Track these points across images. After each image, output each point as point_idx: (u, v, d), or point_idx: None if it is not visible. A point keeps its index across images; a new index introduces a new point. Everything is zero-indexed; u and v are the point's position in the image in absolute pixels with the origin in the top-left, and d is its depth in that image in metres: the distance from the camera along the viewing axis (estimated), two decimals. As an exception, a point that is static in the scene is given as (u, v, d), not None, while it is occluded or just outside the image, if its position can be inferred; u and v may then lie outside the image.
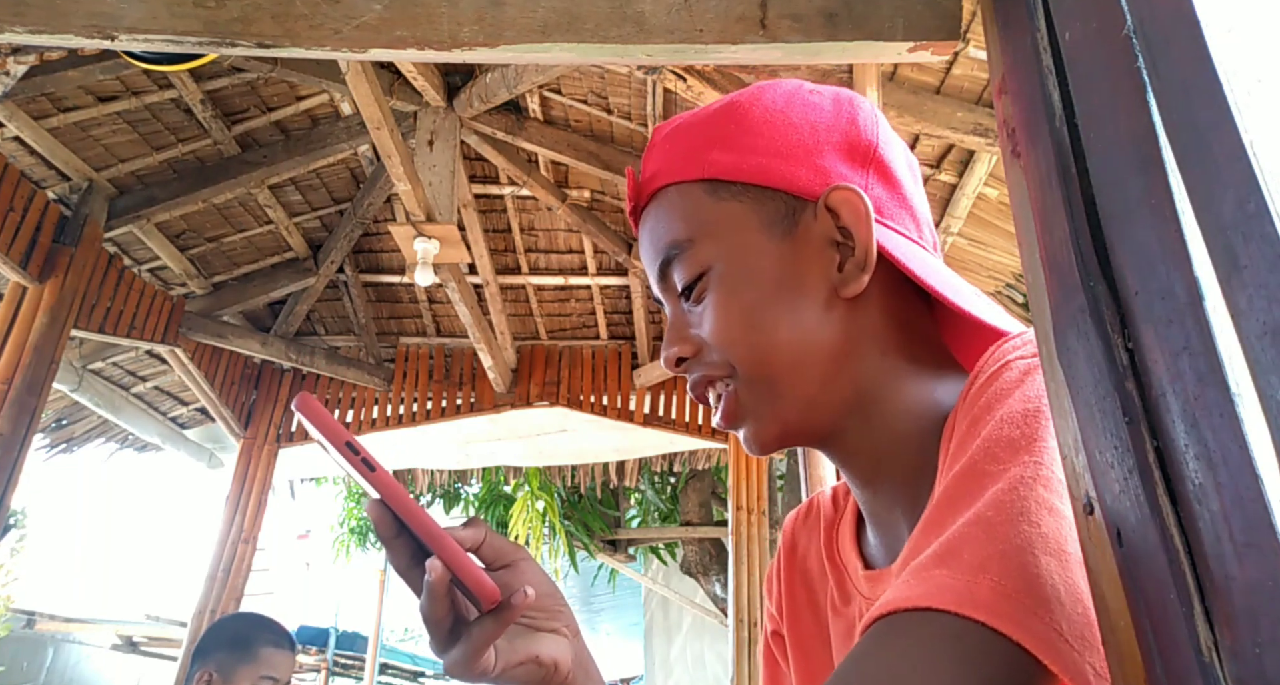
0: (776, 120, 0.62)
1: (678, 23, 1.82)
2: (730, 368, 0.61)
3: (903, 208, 0.63)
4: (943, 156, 3.20)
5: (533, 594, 0.56)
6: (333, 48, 1.81)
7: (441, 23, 1.81)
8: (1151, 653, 0.31)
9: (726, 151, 0.62)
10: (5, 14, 1.78)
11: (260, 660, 1.89)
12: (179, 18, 1.81)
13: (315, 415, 0.55)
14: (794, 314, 0.59)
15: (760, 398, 0.60)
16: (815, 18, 1.83)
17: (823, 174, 0.61)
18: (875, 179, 0.62)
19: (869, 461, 0.61)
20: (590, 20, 1.81)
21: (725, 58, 1.86)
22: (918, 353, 0.61)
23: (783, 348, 0.59)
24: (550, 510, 7.53)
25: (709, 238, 0.61)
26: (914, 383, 0.60)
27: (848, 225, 0.59)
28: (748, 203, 0.61)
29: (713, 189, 0.62)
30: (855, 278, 0.59)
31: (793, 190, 0.61)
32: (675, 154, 0.64)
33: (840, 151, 0.62)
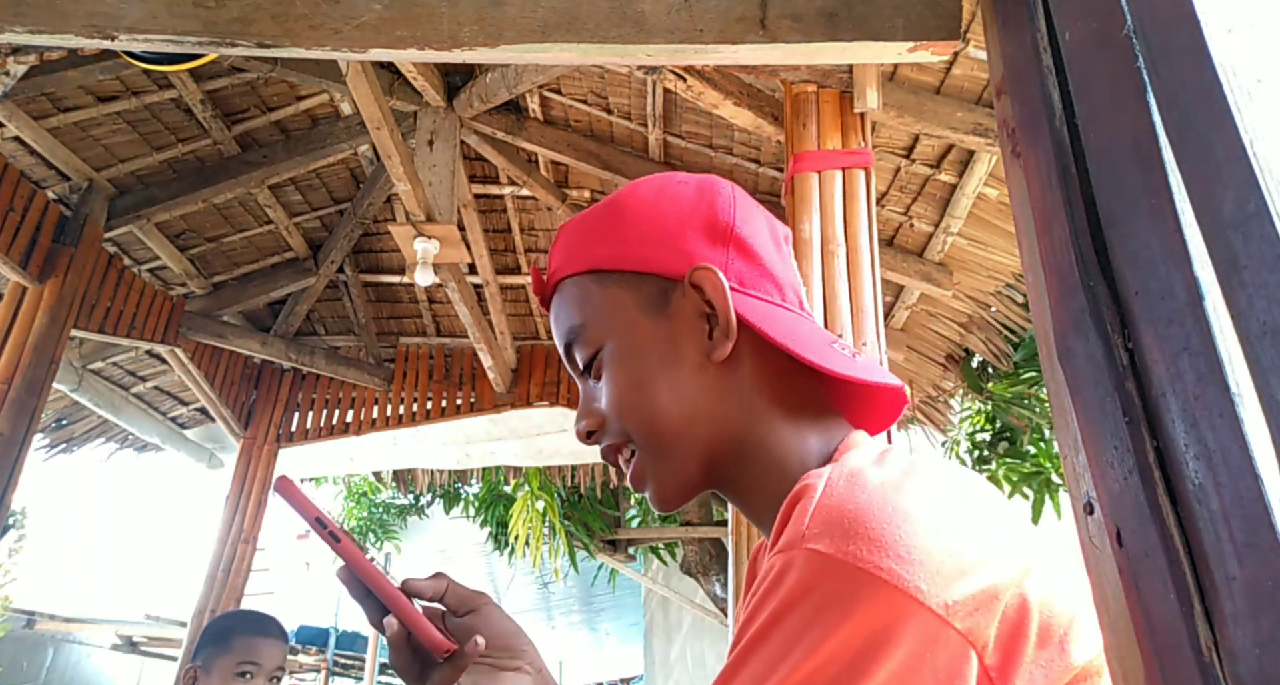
0: (647, 212, 0.71)
1: (678, 23, 1.82)
2: (628, 440, 0.69)
3: (764, 276, 0.71)
4: (943, 156, 3.20)
5: (482, 643, 0.66)
6: (333, 48, 1.81)
7: (441, 23, 1.81)
8: (1151, 653, 0.31)
9: (606, 244, 0.71)
10: (5, 14, 1.78)
11: (235, 649, 1.91)
12: (179, 18, 1.81)
13: (291, 495, 0.66)
14: (674, 382, 0.67)
15: (656, 461, 0.68)
16: (815, 18, 1.83)
17: (687, 256, 0.69)
18: (735, 254, 0.70)
19: (756, 504, 0.68)
20: (590, 20, 1.81)
21: (725, 58, 1.86)
22: (789, 404, 0.68)
23: (667, 413, 0.67)
24: (550, 510, 7.53)
25: (598, 321, 0.70)
26: (782, 433, 0.67)
27: (710, 299, 0.67)
28: (627, 287, 0.70)
29: (598, 278, 0.71)
30: (721, 344, 0.67)
31: (662, 273, 0.69)
32: (569, 250, 0.74)
33: (702, 233, 0.70)
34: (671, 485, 0.69)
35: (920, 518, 0.48)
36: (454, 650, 0.66)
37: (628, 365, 0.68)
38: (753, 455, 0.67)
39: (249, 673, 1.89)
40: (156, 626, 10.72)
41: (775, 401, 0.68)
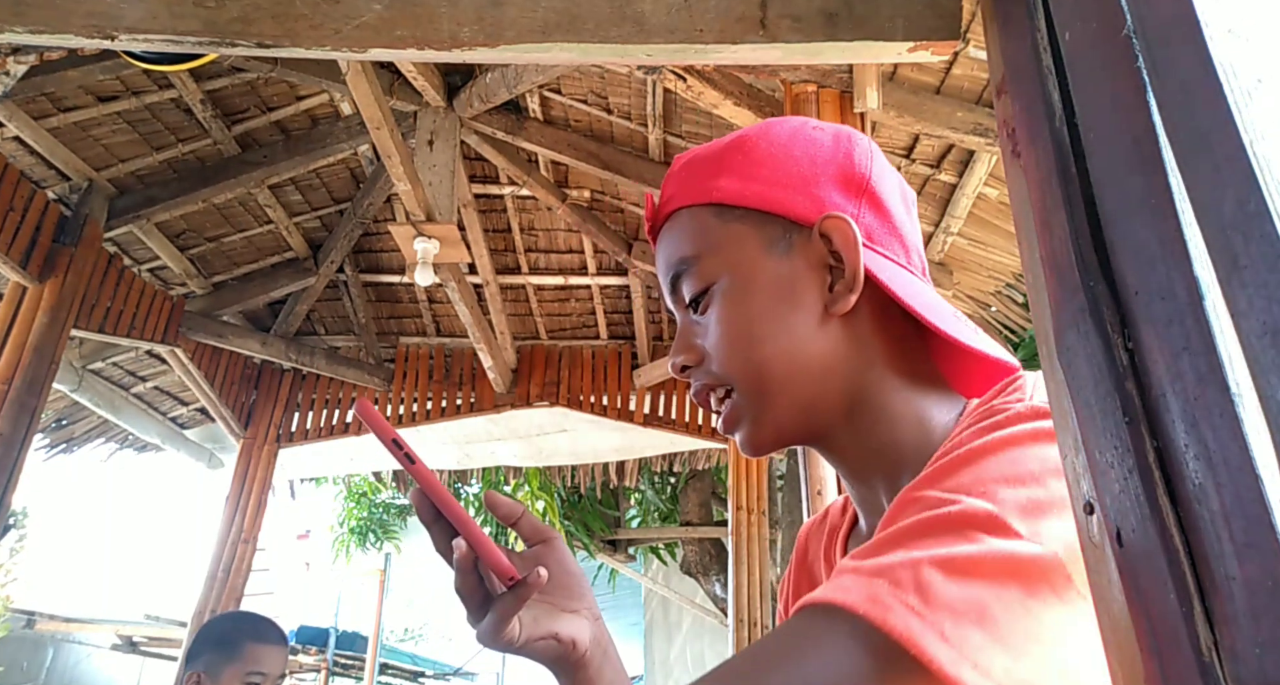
0: (780, 153, 0.69)
1: (678, 23, 1.82)
2: (728, 381, 0.67)
3: (892, 235, 0.69)
4: (943, 156, 3.20)
5: (545, 574, 0.63)
6: (333, 48, 1.81)
7: (441, 23, 1.81)
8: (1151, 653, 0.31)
9: (733, 180, 0.69)
10: (5, 14, 1.78)
11: (246, 657, 1.87)
12: (179, 18, 1.81)
13: (369, 417, 0.65)
14: (788, 327, 0.65)
15: (755, 406, 0.66)
16: (815, 18, 1.83)
17: (818, 203, 0.67)
18: (867, 208, 0.68)
19: (856, 460, 0.67)
20: (590, 20, 1.81)
21: (725, 58, 1.86)
22: (903, 367, 0.67)
23: (776, 358, 0.65)
24: (550, 510, 7.53)
25: (714, 255, 0.68)
26: (899, 393, 0.66)
27: (839, 250, 0.65)
28: (750, 226, 0.67)
29: (720, 213, 0.68)
30: (843, 297, 0.65)
31: (791, 216, 0.67)
32: (689, 181, 0.71)
33: (836, 183, 0.68)
34: (768, 433, 0.67)
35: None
36: (519, 579, 0.64)
37: (742, 305, 0.66)
38: (864, 414, 0.66)
39: (258, 683, 1.87)
40: (156, 626, 10.72)
41: (890, 363, 0.66)
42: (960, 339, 0.63)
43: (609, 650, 0.71)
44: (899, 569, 0.47)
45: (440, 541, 0.68)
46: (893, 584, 0.46)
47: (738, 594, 4.23)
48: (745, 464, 4.55)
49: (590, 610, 0.71)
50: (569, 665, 0.69)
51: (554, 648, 0.68)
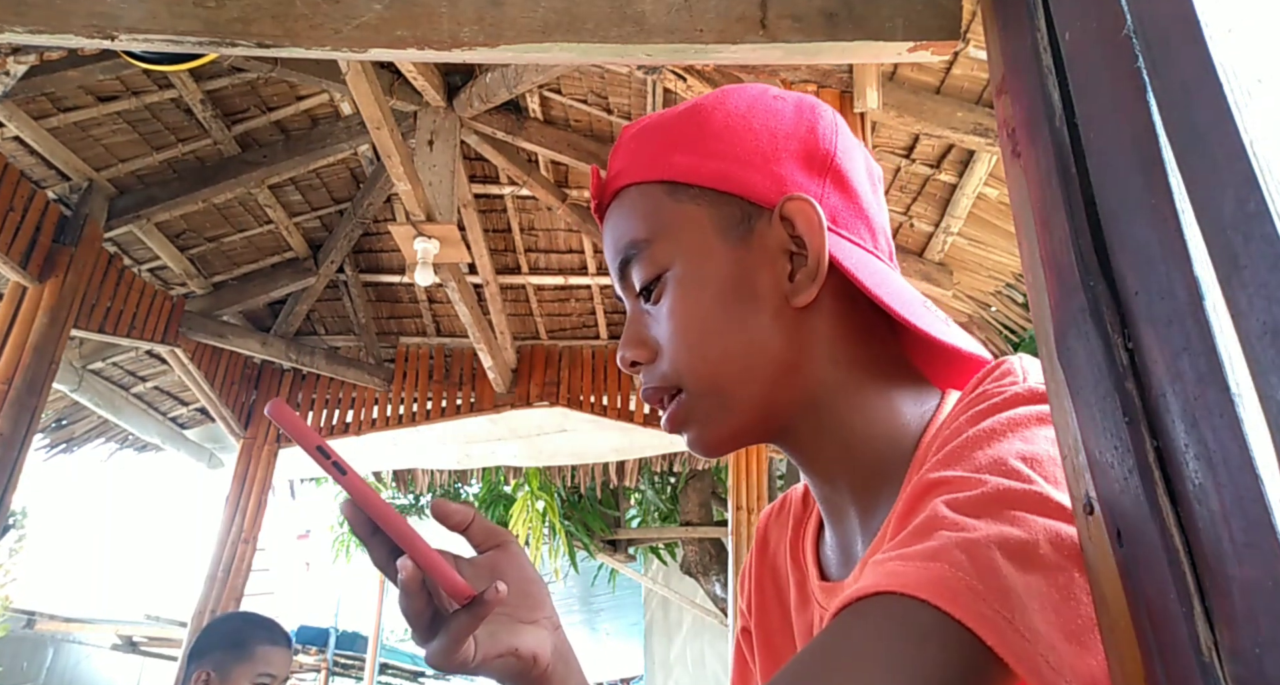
0: (738, 125, 0.63)
1: (678, 23, 1.82)
2: (679, 382, 0.62)
3: (858, 218, 0.64)
4: (943, 156, 3.19)
5: (504, 589, 0.57)
6: (333, 48, 1.81)
7: (441, 23, 1.81)
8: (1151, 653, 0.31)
9: (687, 154, 0.63)
10: (5, 14, 1.78)
11: (257, 658, 1.89)
12: (179, 18, 1.81)
13: (288, 422, 0.56)
14: (744, 321, 0.60)
15: (708, 407, 0.61)
16: (815, 18, 1.83)
17: (779, 182, 0.61)
18: (832, 188, 0.63)
19: (824, 459, 0.63)
20: (590, 20, 1.81)
21: (725, 58, 1.86)
22: (871, 360, 0.62)
23: (731, 356, 0.60)
24: (550, 510, 7.53)
25: (667, 239, 0.62)
26: (867, 388, 0.61)
27: (801, 235, 0.60)
28: (705, 206, 0.62)
29: (672, 191, 0.63)
30: (805, 288, 0.60)
31: (749, 196, 0.61)
32: (639, 154, 0.65)
33: (798, 159, 0.63)
34: (722, 432, 0.62)
35: None
36: (474, 596, 0.57)
37: (695, 296, 0.61)
38: (828, 411, 0.61)
39: (266, 684, 1.88)
40: (156, 626, 10.72)
41: (857, 356, 0.61)
42: (930, 332, 0.58)
43: (570, 660, 0.65)
44: (948, 550, 0.43)
45: (378, 555, 0.61)
46: (949, 567, 0.42)
47: (737, 594, 4.22)
48: (745, 464, 4.54)
49: (550, 619, 0.65)
50: (530, 681, 0.62)
51: (513, 665, 0.61)
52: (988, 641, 0.40)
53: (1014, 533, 0.43)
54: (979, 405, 0.53)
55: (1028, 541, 0.43)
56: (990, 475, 0.47)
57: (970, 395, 0.55)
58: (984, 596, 0.41)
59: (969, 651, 0.40)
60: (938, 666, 0.40)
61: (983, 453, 0.49)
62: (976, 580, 0.41)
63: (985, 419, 0.51)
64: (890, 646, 0.41)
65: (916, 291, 0.63)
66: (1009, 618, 0.40)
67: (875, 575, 0.44)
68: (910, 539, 0.46)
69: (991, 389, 0.54)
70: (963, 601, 0.41)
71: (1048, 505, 0.44)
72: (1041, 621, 0.41)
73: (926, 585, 0.42)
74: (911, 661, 0.40)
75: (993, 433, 0.49)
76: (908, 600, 0.42)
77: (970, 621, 0.40)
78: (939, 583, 0.41)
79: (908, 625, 0.41)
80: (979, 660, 0.40)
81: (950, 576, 0.42)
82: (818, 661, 0.43)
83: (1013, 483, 0.46)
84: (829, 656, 0.43)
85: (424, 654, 0.60)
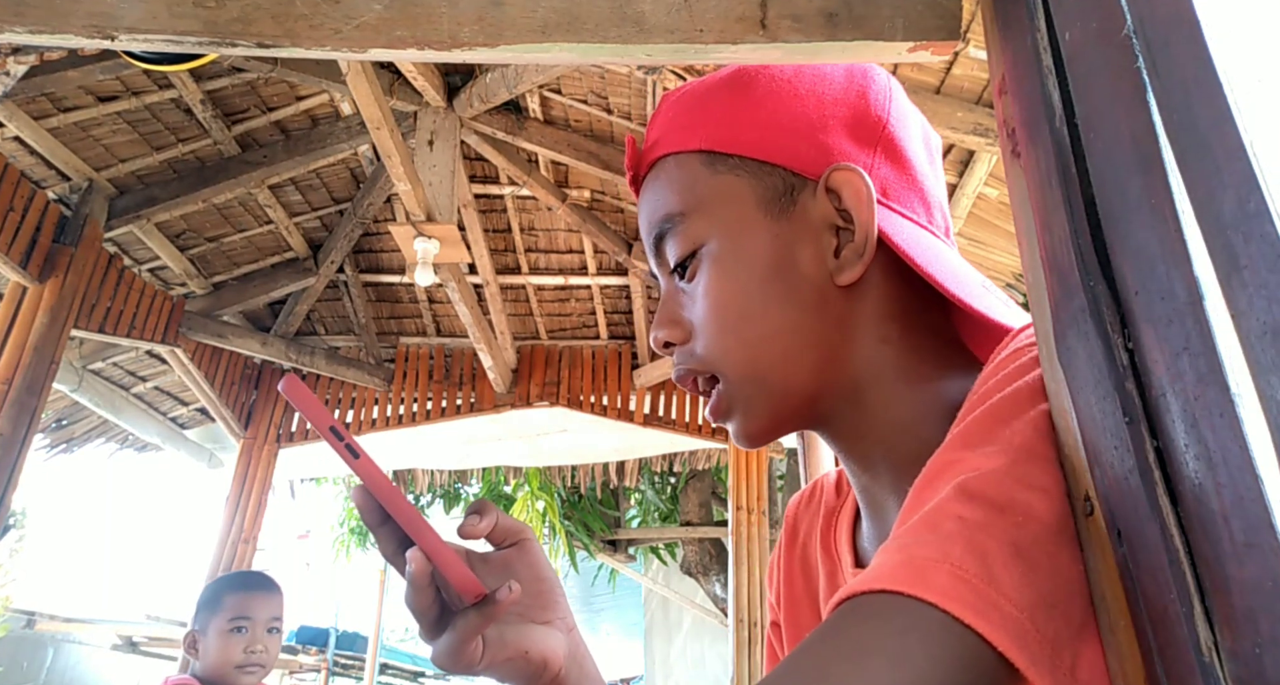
0: (782, 91, 0.59)
1: (678, 23, 1.82)
2: (714, 367, 0.58)
3: (911, 190, 0.59)
4: (943, 156, 3.19)
5: (518, 589, 0.55)
6: (333, 48, 1.81)
7: (441, 23, 1.81)
8: (1151, 653, 0.31)
9: (727, 122, 0.59)
10: (5, 14, 1.78)
11: (226, 607, 1.95)
12: (179, 18, 1.80)
13: (302, 399, 0.54)
14: (785, 302, 0.56)
15: (748, 394, 0.58)
16: (815, 18, 1.83)
17: (826, 151, 0.58)
18: (883, 158, 0.59)
19: (865, 447, 0.58)
20: (590, 20, 1.81)
21: (725, 57, 1.86)
22: (920, 343, 0.58)
23: (771, 341, 0.56)
24: (550, 510, 7.53)
25: (704, 213, 0.58)
26: (917, 374, 0.57)
27: (848, 208, 0.56)
28: (745, 177, 0.58)
29: (710, 161, 0.59)
30: (852, 265, 0.56)
31: (793, 167, 0.58)
32: (677, 123, 0.62)
33: (847, 127, 0.58)
34: (766, 422, 0.58)
35: None
36: (485, 595, 0.54)
37: (734, 274, 0.57)
38: (874, 397, 0.57)
39: (242, 627, 1.93)
40: (156, 626, 10.71)
41: (906, 338, 0.57)
42: (988, 314, 0.54)
43: (585, 664, 0.61)
44: (957, 545, 0.40)
45: (388, 546, 0.58)
46: (957, 565, 0.40)
47: (738, 594, 4.22)
48: (745, 464, 4.55)
49: (564, 621, 0.61)
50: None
51: (523, 668, 0.57)
52: (996, 643, 0.38)
53: (1032, 518, 0.41)
54: (1005, 369, 0.49)
55: (1048, 527, 0.40)
56: (1011, 450, 0.43)
57: (997, 358, 0.51)
58: (989, 596, 0.39)
59: (976, 655, 0.38)
60: (941, 671, 0.38)
61: (1005, 425, 0.45)
62: (982, 579, 0.39)
63: (1007, 386, 0.47)
64: (891, 649, 0.39)
65: (975, 270, 0.59)
66: (1015, 617, 0.38)
67: (881, 567, 0.42)
68: (922, 527, 0.43)
69: (1021, 346, 0.50)
70: (968, 602, 0.38)
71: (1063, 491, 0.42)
72: (1056, 619, 0.39)
73: (934, 588, 0.39)
74: (913, 667, 0.38)
75: (1014, 403, 0.46)
76: (911, 601, 0.39)
77: (979, 625, 0.38)
78: (945, 586, 0.39)
79: (910, 628, 0.39)
80: (987, 664, 0.38)
81: (956, 576, 0.39)
82: (813, 661, 0.41)
83: (1034, 460, 0.43)
84: (826, 656, 0.41)
85: (429, 652, 0.57)
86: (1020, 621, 0.38)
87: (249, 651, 1.92)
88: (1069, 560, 0.40)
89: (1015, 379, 0.47)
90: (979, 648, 0.38)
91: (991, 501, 0.42)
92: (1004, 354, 0.51)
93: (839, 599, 0.43)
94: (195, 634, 1.96)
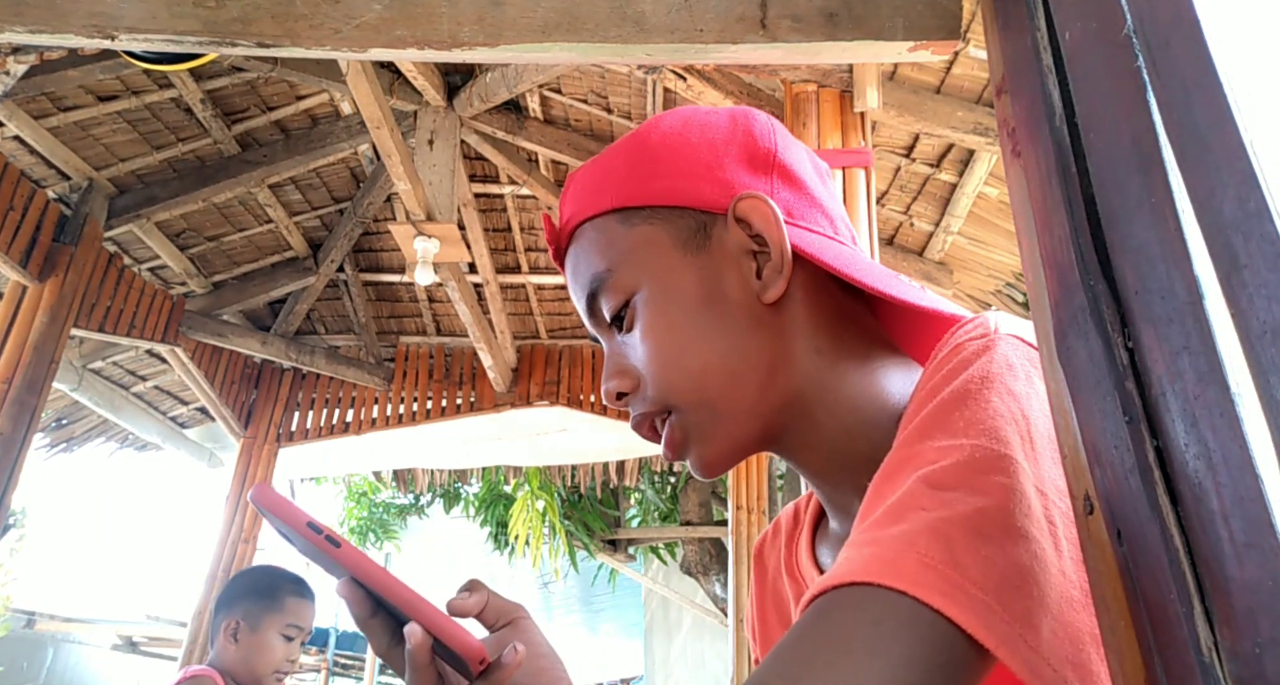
0: (675, 143, 0.63)
1: (678, 23, 1.82)
2: (669, 404, 0.60)
3: (813, 207, 0.63)
4: (943, 156, 3.19)
5: (523, 650, 0.55)
6: (333, 48, 1.81)
7: (441, 23, 1.81)
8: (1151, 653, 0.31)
9: (632, 180, 0.63)
10: (5, 14, 1.78)
11: (287, 609, 1.90)
12: (179, 18, 1.81)
13: (273, 503, 0.54)
14: (721, 328, 0.59)
15: (701, 423, 0.60)
16: (815, 18, 1.83)
17: (726, 186, 0.61)
18: (780, 183, 0.63)
19: (820, 458, 0.61)
20: (590, 20, 1.81)
21: (725, 57, 1.86)
22: (853, 346, 0.61)
23: (715, 367, 0.59)
24: (550, 510, 7.53)
25: (627, 264, 0.61)
26: (853, 375, 0.60)
27: (760, 232, 0.59)
28: (659, 224, 0.61)
29: (624, 217, 0.62)
30: (774, 282, 0.59)
31: (700, 206, 0.61)
32: (586, 192, 0.65)
33: (741, 162, 0.62)
34: (721, 447, 0.60)
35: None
36: (489, 662, 0.54)
37: (666, 313, 0.60)
38: (819, 404, 0.59)
39: (293, 636, 1.89)
40: (156, 626, 10.72)
41: (837, 343, 0.60)
42: (906, 299, 0.57)
43: None
44: (923, 534, 0.42)
45: (380, 641, 0.57)
46: (923, 554, 0.41)
47: (738, 594, 4.22)
48: (745, 463, 4.55)
49: None
50: None
51: None
52: (967, 628, 0.39)
53: (992, 503, 0.42)
54: (950, 363, 0.51)
55: (1007, 511, 0.42)
56: (966, 439, 0.45)
57: (940, 353, 0.53)
58: (958, 583, 0.40)
59: (947, 639, 0.39)
60: (916, 656, 0.39)
61: (958, 415, 0.47)
62: (950, 566, 0.40)
63: (956, 377, 0.49)
64: (866, 640, 0.40)
65: (885, 268, 0.62)
66: (985, 602, 0.39)
67: (849, 562, 0.43)
68: (886, 520, 0.44)
69: (962, 341, 0.52)
70: (940, 589, 0.40)
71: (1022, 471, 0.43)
72: (1020, 599, 0.40)
73: (904, 576, 0.40)
74: (889, 655, 0.39)
75: (964, 393, 0.47)
76: (882, 591, 0.41)
77: (949, 609, 0.39)
78: (914, 574, 0.40)
79: (883, 617, 0.40)
80: (959, 647, 0.39)
81: (924, 563, 0.41)
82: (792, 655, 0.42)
83: (990, 446, 0.44)
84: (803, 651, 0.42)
85: None
86: (986, 603, 0.39)
87: (289, 660, 1.88)
88: (1030, 538, 0.42)
89: (960, 371, 0.49)
90: (950, 631, 0.39)
91: (952, 490, 0.43)
92: (945, 350, 0.52)
93: (812, 595, 0.44)
94: (240, 623, 1.86)
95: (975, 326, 0.53)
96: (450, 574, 9.97)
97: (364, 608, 0.57)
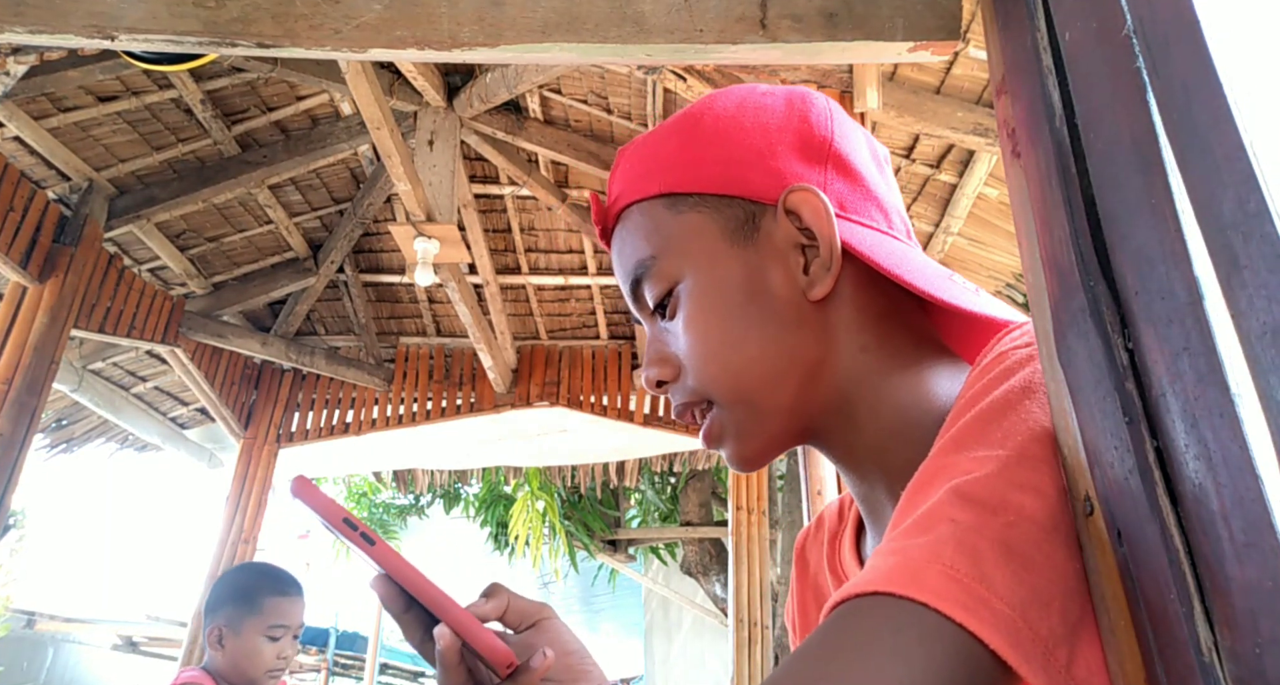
0: (728, 127, 0.62)
1: (678, 23, 1.82)
2: (708, 395, 0.60)
3: (868, 200, 0.62)
4: (943, 156, 3.19)
5: (552, 655, 0.55)
6: (333, 48, 1.81)
7: (441, 23, 1.81)
8: (1151, 653, 0.31)
9: (681, 164, 0.62)
10: (5, 14, 1.78)
11: (265, 611, 1.88)
12: (179, 18, 1.81)
13: (312, 496, 0.55)
14: (765, 324, 0.58)
15: (740, 417, 0.60)
16: (815, 18, 1.83)
17: (779, 176, 0.60)
18: (834, 174, 0.61)
19: (860, 457, 0.60)
20: (590, 20, 1.81)
21: (725, 58, 1.86)
22: (899, 345, 0.59)
23: (755, 361, 0.58)
24: (550, 510, 7.53)
25: (673, 252, 0.61)
26: (899, 377, 0.58)
27: (809, 226, 0.58)
28: (706, 213, 0.60)
29: (672, 203, 0.61)
30: (822, 279, 0.58)
31: (749, 195, 0.60)
32: (635, 173, 0.64)
33: (795, 151, 0.61)
34: (758, 444, 0.60)
35: None
36: (517, 665, 0.54)
37: (710, 305, 0.59)
38: (861, 405, 0.58)
39: (279, 635, 1.88)
40: (157, 626, 10.72)
41: (884, 343, 0.59)
42: (958, 303, 0.55)
43: None
44: (949, 546, 0.41)
45: (414, 634, 0.58)
46: (949, 566, 0.40)
47: (738, 594, 4.22)
48: (745, 464, 4.54)
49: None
50: None
51: None
52: (991, 644, 0.38)
53: (1025, 518, 0.41)
54: (992, 371, 0.49)
55: (1041, 524, 0.41)
56: (1003, 451, 0.44)
57: (984, 361, 0.51)
58: (983, 597, 0.39)
59: (970, 654, 0.38)
60: (936, 669, 0.38)
61: (996, 426, 0.46)
62: (976, 580, 0.39)
63: (997, 387, 0.48)
64: (885, 649, 0.39)
65: (940, 266, 0.61)
66: (1008, 617, 0.38)
67: (873, 571, 0.42)
68: (914, 529, 0.43)
69: (1005, 349, 0.51)
70: (962, 603, 0.39)
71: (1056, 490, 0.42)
72: (1049, 617, 0.39)
73: (927, 589, 0.39)
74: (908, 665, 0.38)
75: (1004, 405, 0.46)
76: (904, 602, 0.40)
77: (971, 624, 0.38)
78: (937, 587, 0.39)
79: (904, 627, 0.39)
80: (982, 663, 0.38)
81: (949, 576, 0.40)
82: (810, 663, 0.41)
83: (1027, 459, 0.43)
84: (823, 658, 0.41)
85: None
86: (1012, 619, 0.38)
87: (280, 658, 1.87)
88: (1064, 558, 0.40)
89: (1002, 381, 0.48)
90: (972, 646, 0.38)
91: (984, 503, 0.42)
92: (989, 357, 0.51)
93: (834, 602, 0.43)
94: (223, 630, 1.86)
95: (1021, 334, 0.52)
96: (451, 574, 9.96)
97: (397, 604, 0.57)
